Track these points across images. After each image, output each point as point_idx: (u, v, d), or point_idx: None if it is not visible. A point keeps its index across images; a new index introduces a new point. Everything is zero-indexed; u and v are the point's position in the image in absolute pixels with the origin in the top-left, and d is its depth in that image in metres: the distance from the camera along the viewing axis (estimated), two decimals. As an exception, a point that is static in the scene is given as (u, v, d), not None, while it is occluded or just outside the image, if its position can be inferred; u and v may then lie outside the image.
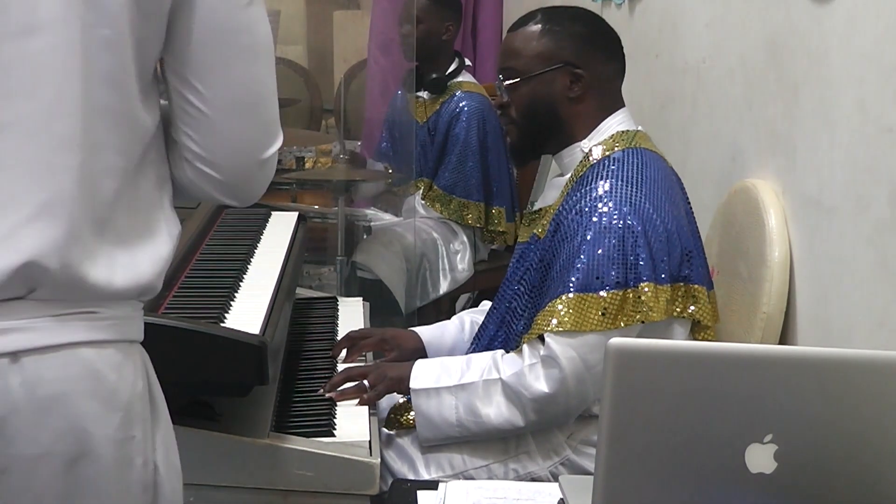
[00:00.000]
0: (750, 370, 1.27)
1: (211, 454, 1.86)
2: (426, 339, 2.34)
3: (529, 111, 2.15)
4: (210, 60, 1.34)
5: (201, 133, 1.36)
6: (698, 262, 2.06)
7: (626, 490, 1.28)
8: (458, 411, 2.05)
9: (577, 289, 1.97)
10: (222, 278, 2.14)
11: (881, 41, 1.83)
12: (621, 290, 1.96)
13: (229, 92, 1.36)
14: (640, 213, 1.99)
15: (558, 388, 1.98)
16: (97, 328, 1.29)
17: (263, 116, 1.39)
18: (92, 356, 1.28)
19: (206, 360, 1.80)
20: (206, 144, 1.37)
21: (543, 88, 2.13)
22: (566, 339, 1.97)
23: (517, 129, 2.19)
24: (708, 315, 2.06)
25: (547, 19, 2.15)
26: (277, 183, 4.03)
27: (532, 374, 2.00)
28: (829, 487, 1.30)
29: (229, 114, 1.36)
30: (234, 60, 1.35)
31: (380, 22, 4.58)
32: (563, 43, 2.13)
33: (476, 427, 2.06)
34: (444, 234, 3.89)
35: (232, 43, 1.34)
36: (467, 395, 2.05)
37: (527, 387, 2.00)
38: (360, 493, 1.88)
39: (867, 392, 1.29)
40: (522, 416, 2.02)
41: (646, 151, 2.10)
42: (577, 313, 1.96)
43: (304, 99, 5.25)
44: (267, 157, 1.40)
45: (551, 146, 2.19)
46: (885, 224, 1.81)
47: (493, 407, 2.04)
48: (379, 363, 2.25)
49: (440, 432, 2.08)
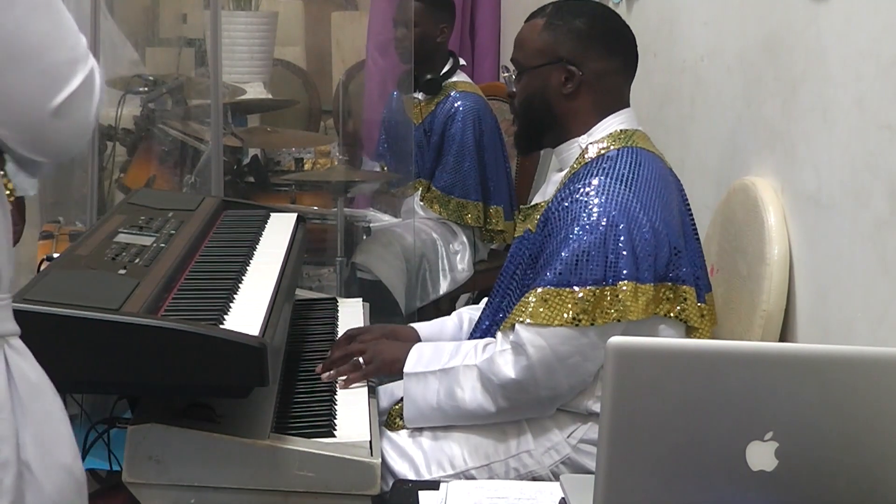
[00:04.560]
0: (750, 368, 1.27)
1: (211, 456, 1.86)
2: (425, 336, 2.34)
3: (526, 103, 2.17)
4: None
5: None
6: (689, 263, 2.06)
7: (627, 488, 1.29)
8: (440, 395, 2.09)
9: (552, 283, 1.97)
10: (222, 280, 2.13)
11: (879, 38, 1.83)
12: (598, 287, 1.96)
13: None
14: (626, 211, 1.99)
15: (525, 375, 2.00)
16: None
17: (37, 64, 1.28)
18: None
19: (206, 361, 1.80)
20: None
21: (539, 83, 2.15)
22: (536, 328, 1.98)
23: (517, 120, 2.22)
24: (695, 316, 2.05)
25: (553, 13, 2.16)
26: (276, 184, 4.03)
27: (501, 360, 2.02)
28: (830, 484, 1.31)
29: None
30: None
31: (378, 22, 4.58)
32: (560, 39, 2.13)
33: (453, 411, 2.08)
34: (443, 235, 3.89)
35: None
36: (448, 380, 2.08)
37: (495, 372, 2.02)
38: (362, 493, 1.88)
39: (867, 389, 1.29)
40: (493, 402, 2.05)
41: (641, 151, 2.10)
42: (549, 307, 1.97)
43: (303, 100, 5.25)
44: (57, 104, 1.29)
45: (549, 139, 2.20)
46: (884, 220, 1.81)
47: (469, 392, 2.07)
48: (375, 341, 2.25)
49: (422, 414, 2.11)
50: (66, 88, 1.30)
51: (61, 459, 1.38)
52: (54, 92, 1.29)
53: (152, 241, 2.22)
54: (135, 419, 1.89)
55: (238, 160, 4.03)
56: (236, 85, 4.42)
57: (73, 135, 1.34)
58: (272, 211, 2.82)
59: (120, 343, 1.77)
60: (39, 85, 1.29)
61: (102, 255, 2.09)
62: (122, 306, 1.83)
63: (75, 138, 1.34)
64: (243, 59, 4.89)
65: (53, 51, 1.30)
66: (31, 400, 1.35)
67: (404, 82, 3.95)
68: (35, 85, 1.29)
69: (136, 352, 1.79)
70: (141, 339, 1.78)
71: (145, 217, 2.40)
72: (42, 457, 1.34)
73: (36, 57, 1.28)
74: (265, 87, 4.96)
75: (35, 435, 1.34)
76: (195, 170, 3.75)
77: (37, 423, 1.35)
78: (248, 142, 4.02)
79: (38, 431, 1.34)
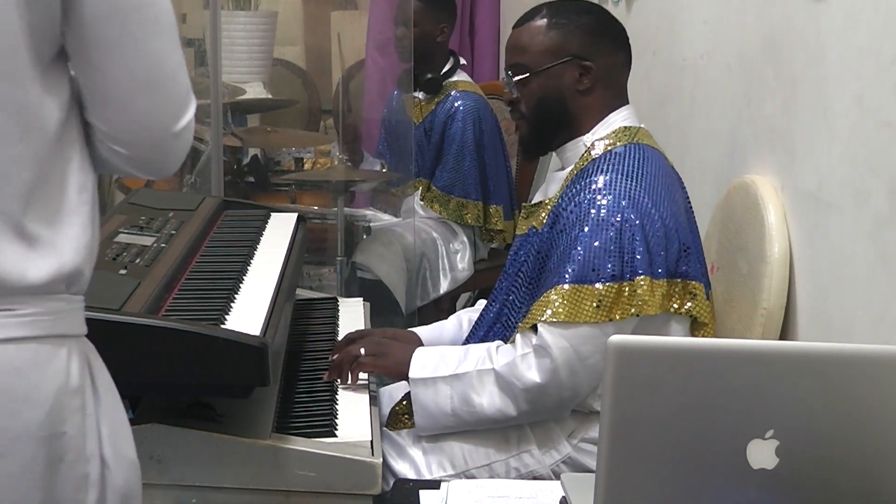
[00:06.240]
0: (751, 366, 1.27)
1: (213, 455, 1.86)
2: (425, 340, 2.34)
3: (540, 105, 2.16)
4: (108, 38, 1.31)
5: (107, 112, 1.35)
6: (696, 259, 2.06)
7: (628, 487, 1.29)
8: (453, 401, 2.06)
9: (572, 280, 1.97)
10: (222, 280, 2.14)
11: (879, 35, 1.83)
12: (617, 283, 1.96)
13: (130, 68, 1.33)
14: (638, 207, 1.99)
15: (550, 378, 1.98)
16: (15, 325, 1.27)
17: (170, 91, 1.37)
18: (10, 352, 1.27)
19: (207, 361, 1.80)
20: (113, 123, 1.35)
21: (553, 82, 2.14)
22: (559, 329, 1.97)
23: (527, 124, 2.20)
24: (706, 312, 2.06)
25: (553, 13, 2.16)
26: (276, 184, 4.03)
27: (524, 364, 2.00)
28: (831, 482, 1.31)
29: (132, 91, 1.34)
30: (133, 36, 1.32)
31: (378, 22, 4.58)
32: (570, 36, 2.13)
33: (470, 417, 2.06)
34: (443, 234, 3.89)
35: (131, 21, 1.32)
36: (462, 385, 2.05)
37: (518, 377, 2.00)
38: (363, 492, 1.88)
39: (868, 387, 1.29)
40: (515, 406, 2.03)
41: (647, 148, 2.11)
42: (571, 304, 1.96)
43: (303, 100, 5.24)
44: (177, 130, 1.38)
45: (560, 140, 2.19)
46: (885, 218, 1.81)
47: (487, 397, 2.04)
48: (382, 340, 2.24)
49: (436, 422, 2.08)
50: (187, 114, 1.39)
51: (128, 454, 1.41)
52: (178, 117, 1.38)
53: (153, 241, 2.22)
54: (136, 419, 1.89)
55: (238, 160, 4.03)
56: (236, 85, 4.42)
57: (182, 156, 1.43)
58: (272, 211, 2.82)
59: (121, 343, 1.77)
60: (168, 109, 1.37)
61: (103, 255, 2.09)
62: (123, 306, 1.83)
63: (181, 159, 1.43)
64: (243, 58, 4.89)
65: (180, 79, 1.38)
66: (106, 395, 1.39)
67: (404, 81, 3.95)
68: (165, 109, 1.37)
69: (138, 352, 1.79)
70: (142, 339, 1.78)
71: (146, 217, 2.40)
72: (114, 451, 1.38)
73: (169, 83, 1.37)
74: (265, 86, 4.95)
75: (109, 429, 1.37)
76: (195, 170, 3.75)
77: (110, 418, 1.38)
78: (248, 142, 4.02)
79: (110, 426, 1.38)
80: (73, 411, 1.33)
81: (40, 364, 1.29)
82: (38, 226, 1.29)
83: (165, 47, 1.36)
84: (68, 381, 1.32)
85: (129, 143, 1.37)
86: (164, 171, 1.43)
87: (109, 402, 1.39)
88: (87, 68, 1.33)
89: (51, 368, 1.30)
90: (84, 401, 1.34)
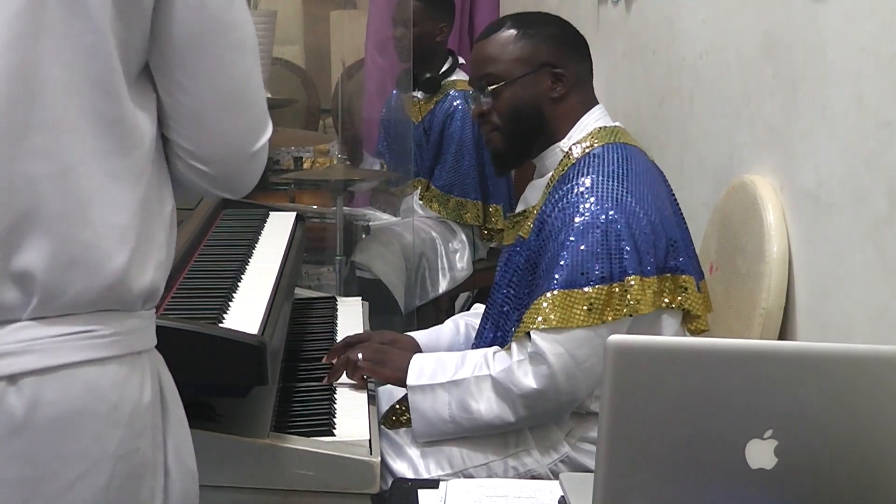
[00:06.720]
0: (749, 366, 1.27)
1: (211, 454, 1.85)
2: (422, 344, 2.34)
3: (515, 114, 2.16)
4: (197, 58, 1.33)
5: (192, 130, 1.36)
6: (685, 252, 2.07)
7: (626, 487, 1.28)
8: (451, 407, 2.06)
9: (561, 285, 1.97)
10: (221, 279, 2.13)
11: (878, 35, 1.83)
12: (606, 285, 1.96)
13: (217, 89, 1.35)
14: (622, 207, 1.99)
15: (547, 384, 1.98)
16: (97, 346, 1.28)
17: (252, 110, 1.39)
18: (92, 375, 1.28)
19: (205, 360, 1.80)
20: (198, 141, 1.37)
21: (527, 91, 2.15)
22: (553, 335, 1.97)
23: (502, 135, 2.19)
24: (698, 305, 2.06)
25: (519, 24, 2.18)
26: (275, 183, 4.03)
27: (520, 371, 2.00)
28: (830, 482, 1.30)
29: (218, 110, 1.36)
30: (221, 58, 1.34)
31: (377, 21, 4.58)
32: (540, 45, 2.15)
33: (468, 423, 2.06)
34: (442, 233, 3.89)
35: (218, 41, 1.34)
36: (460, 392, 2.06)
37: (515, 383, 2.00)
38: (361, 492, 1.88)
39: (867, 387, 1.29)
40: (513, 411, 2.03)
41: (626, 146, 2.11)
42: (562, 310, 1.96)
43: (302, 99, 5.24)
44: (257, 149, 1.40)
45: (536, 149, 2.19)
46: (884, 218, 1.81)
47: (484, 403, 2.04)
48: (380, 346, 2.24)
49: (434, 428, 2.08)
50: (265, 135, 1.42)
51: (190, 465, 1.43)
52: (256, 137, 1.40)
53: (151, 240, 2.21)
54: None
55: (237, 159, 4.02)
56: (235, 84, 4.41)
57: (258, 176, 1.44)
58: (271, 210, 2.82)
59: (119, 342, 1.76)
60: (249, 129, 1.40)
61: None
62: (121, 305, 1.83)
63: (257, 178, 1.45)
64: (242, 58, 4.88)
65: (260, 101, 1.41)
66: (172, 406, 1.40)
67: (403, 81, 3.95)
68: (246, 129, 1.39)
69: (135, 351, 1.78)
70: (140, 338, 1.78)
71: (144, 216, 2.39)
72: (177, 461, 1.39)
73: (252, 104, 1.39)
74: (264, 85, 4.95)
75: (174, 441, 1.39)
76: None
77: (175, 429, 1.40)
78: (247, 141, 4.01)
79: (175, 438, 1.39)
80: (147, 427, 1.34)
81: (119, 384, 1.30)
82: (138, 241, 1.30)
83: (250, 69, 1.38)
84: (142, 397, 1.33)
85: (212, 161, 1.38)
86: (242, 189, 1.44)
87: (175, 413, 1.40)
88: (172, 86, 1.34)
89: (128, 387, 1.31)
90: (154, 415, 1.35)
